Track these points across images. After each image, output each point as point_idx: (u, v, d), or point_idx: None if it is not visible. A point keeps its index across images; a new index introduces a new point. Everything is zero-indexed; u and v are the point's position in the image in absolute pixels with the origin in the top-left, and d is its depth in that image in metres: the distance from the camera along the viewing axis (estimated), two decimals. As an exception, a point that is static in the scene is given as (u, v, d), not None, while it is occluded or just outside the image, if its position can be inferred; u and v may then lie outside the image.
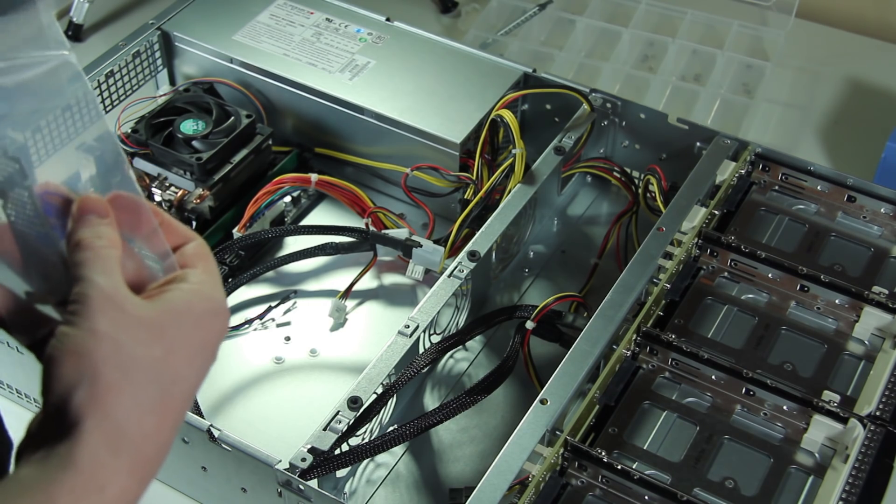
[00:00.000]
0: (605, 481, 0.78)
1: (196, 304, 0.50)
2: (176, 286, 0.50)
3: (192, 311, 0.49)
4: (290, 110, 1.11)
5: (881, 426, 0.80)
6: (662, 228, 0.93)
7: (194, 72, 1.14)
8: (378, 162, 1.09)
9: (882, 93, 1.30)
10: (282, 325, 1.01)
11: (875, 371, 0.85)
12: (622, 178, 1.08)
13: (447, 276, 0.91)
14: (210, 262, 0.53)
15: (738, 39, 1.32)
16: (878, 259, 0.95)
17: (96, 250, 0.48)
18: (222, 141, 1.03)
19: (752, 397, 0.83)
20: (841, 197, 0.98)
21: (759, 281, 0.92)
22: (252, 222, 1.03)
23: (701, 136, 1.03)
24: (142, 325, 0.47)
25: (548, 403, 0.79)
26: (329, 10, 1.17)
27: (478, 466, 0.90)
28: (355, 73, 1.09)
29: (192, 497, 0.89)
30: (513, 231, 1.00)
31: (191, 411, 0.87)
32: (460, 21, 1.39)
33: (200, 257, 0.53)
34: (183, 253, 0.53)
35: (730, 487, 0.79)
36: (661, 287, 0.89)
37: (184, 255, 0.53)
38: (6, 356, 0.90)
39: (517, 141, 1.00)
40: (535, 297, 1.04)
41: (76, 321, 0.46)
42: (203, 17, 1.15)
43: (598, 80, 1.25)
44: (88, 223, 0.49)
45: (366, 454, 0.81)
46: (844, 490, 0.77)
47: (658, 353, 0.86)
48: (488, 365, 0.98)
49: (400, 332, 0.86)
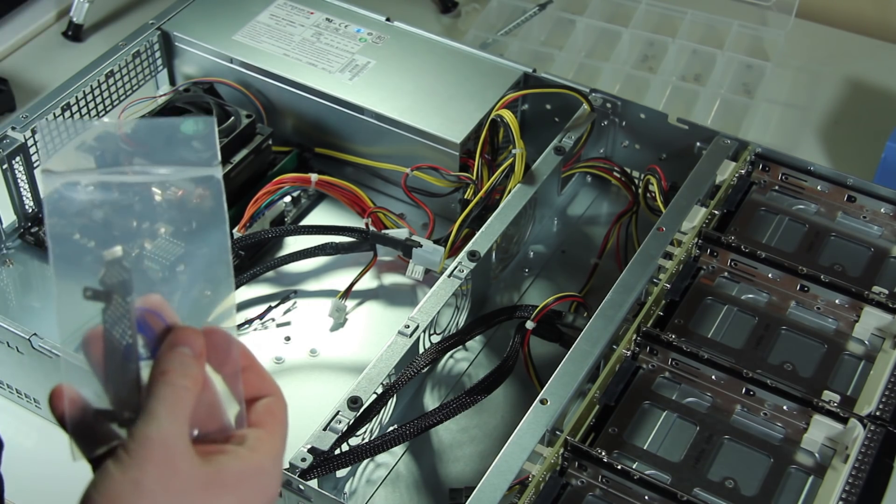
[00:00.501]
0: (605, 481, 0.78)
1: (248, 477, 0.49)
2: (234, 450, 0.49)
3: (241, 483, 0.48)
4: (290, 110, 1.11)
5: (881, 426, 0.80)
6: (662, 228, 0.93)
7: (194, 72, 1.14)
8: (378, 162, 1.09)
9: (882, 93, 1.30)
10: (282, 325, 1.01)
11: (875, 371, 0.85)
12: (622, 178, 1.08)
13: (447, 276, 0.91)
14: (280, 424, 0.52)
15: (738, 39, 1.32)
16: (878, 259, 0.95)
17: (176, 390, 0.48)
18: (222, 141, 1.03)
19: (752, 397, 0.83)
20: (841, 197, 0.98)
21: (759, 281, 0.92)
22: (252, 222, 1.03)
23: (701, 136, 1.03)
24: (186, 489, 0.46)
25: (548, 403, 0.79)
26: (329, 10, 1.17)
27: (478, 466, 0.90)
28: (355, 73, 1.09)
29: (192, 497, 0.89)
30: (513, 231, 1.00)
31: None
32: (460, 21, 1.39)
33: (271, 416, 0.51)
34: (255, 409, 0.51)
35: (730, 487, 0.79)
36: (661, 287, 0.89)
37: (256, 410, 0.51)
38: (6, 356, 0.90)
39: (517, 141, 1.00)
40: (535, 297, 1.04)
41: (126, 462, 0.46)
42: (203, 17, 1.15)
43: (598, 80, 1.25)
44: (179, 357, 0.49)
45: (366, 454, 0.81)
46: (844, 490, 0.76)
47: (658, 353, 0.86)
48: (488, 365, 0.98)
49: (400, 332, 0.86)
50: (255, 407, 0.52)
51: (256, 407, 0.52)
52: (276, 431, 0.51)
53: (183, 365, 0.48)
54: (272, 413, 0.52)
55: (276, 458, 0.51)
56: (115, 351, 0.49)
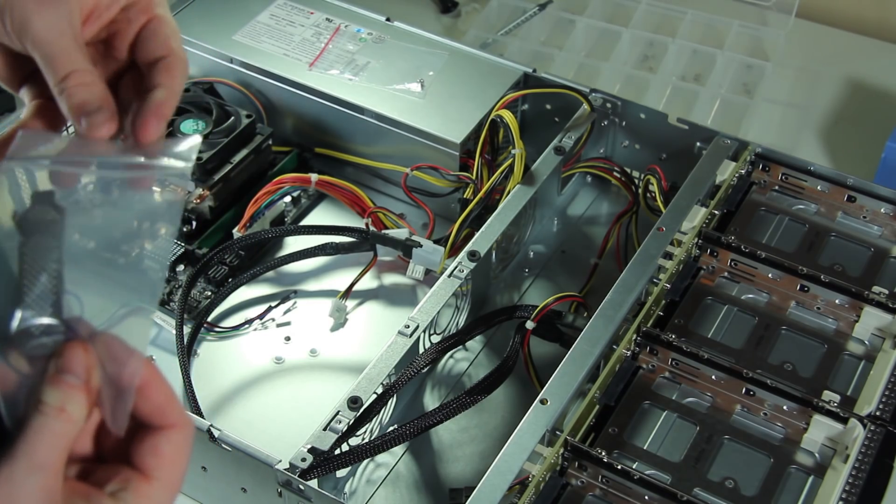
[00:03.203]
0: (605, 481, 0.78)
1: None
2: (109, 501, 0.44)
3: None
4: (290, 110, 1.11)
5: (881, 426, 0.80)
6: (662, 228, 0.93)
7: (194, 72, 1.14)
8: (378, 162, 1.09)
9: (882, 93, 1.30)
10: (282, 325, 1.01)
11: (875, 371, 0.85)
12: (622, 178, 1.08)
13: (447, 276, 0.91)
14: (173, 470, 0.46)
15: (738, 39, 1.32)
16: (878, 259, 0.95)
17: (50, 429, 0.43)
18: (222, 141, 1.03)
19: (752, 397, 0.83)
20: (841, 197, 0.98)
21: (759, 281, 0.92)
22: (252, 222, 1.03)
23: (701, 136, 1.03)
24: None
25: (548, 403, 0.79)
26: (329, 10, 1.17)
27: (478, 466, 0.90)
28: (355, 74, 1.09)
29: (192, 497, 0.89)
30: (513, 231, 1.00)
31: (191, 411, 0.87)
32: (460, 21, 1.39)
33: (161, 459, 0.46)
34: (155, 447, 0.46)
35: (730, 487, 0.79)
36: (661, 287, 0.89)
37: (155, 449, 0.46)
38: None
39: (517, 141, 1.00)
40: (535, 297, 1.04)
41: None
42: (203, 17, 1.15)
43: (598, 80, 1.25)
44: (60, 386, 0.44)
45: (366, 454, 0.81)
46: (844, 490, 0.77)
47: (658, 353, 0.86)
48: (488, 365, 0.98)
49: (400, 332, 0.86)
50: (155, 440, 0.46)
51: (158, 445, 0.46)
52: (167, 482, 0.46)
53: (62, 396, 0.44)
54: (162, 456, 0.46)
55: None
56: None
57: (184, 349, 0.93)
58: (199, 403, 0.91)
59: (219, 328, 0.99)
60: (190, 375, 0.92)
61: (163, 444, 0.46)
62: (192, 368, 0.95)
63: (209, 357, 0.98)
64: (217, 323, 1.00)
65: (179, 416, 0.47)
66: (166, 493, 0.46)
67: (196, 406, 0.90)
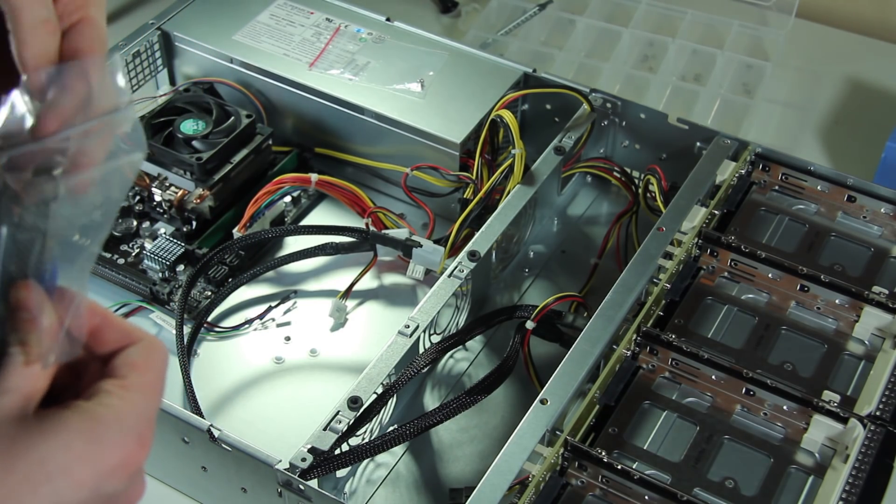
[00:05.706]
0: (605, 481, 0.78)
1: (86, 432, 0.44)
2: (75, 405, 0.45)
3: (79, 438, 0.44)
4: (290, 110, 1.11)
5: (881, 426, 0.80)
6: (662, 228, 0.93)
7: (194, 72, 1.14)
8: (378, 162, 1.09)
9: (882, 93, 1.30)
10: (282, 325, 1.01)
11: (875, 371, 0.86)
12: (622, 178, 1.08)
13: (447, 276, 0.91)
14: (148, 376, 0.47)
15: (738, 39, 1.32)
16: (878, 259, 0.95)
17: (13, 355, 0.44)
18: (222, 141, 1.03)
19: (752, 397, 0.83)
20: (841, 197, 0.98)
21: (759, 281, 0.92)
22: (252, 222, 1.03)
23: (701, 136, 1.03)
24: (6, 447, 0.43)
25: (548, 403, 0.79)
26: (329, 10, 1.17)
27: (478, 466, 0.90)
28: (355, 74, 1.09)
29: (192, 497, 0.89)
30: (513, 231, 1.00)
31: (191, 411, 0.87)
32: (460, 21, 1.39)
33: (131, 367, 0.47)
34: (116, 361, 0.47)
35: (730, 487, 0.79)
36: (661, 287, 0.89)
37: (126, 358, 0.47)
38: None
39: (517, 141, 1.00)
40: (535, 297, 1.04)
41: None
42: (203, 17, 1.15)
43: (598, 80, 1.25)
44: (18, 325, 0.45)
45: (366, 454, 0.81)
46: (844, 490, 0.77)
47: (658, 353, 0.86)
48: (488, 365, 0.98)
49: (400, 332, 0.86)
50: (116, 359, 0.47)
51: (117, 359, 0.47)
52: (136, 383, 0.47)
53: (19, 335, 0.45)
54: (132, 365, 0.47)
55: (129, 412, 0.46)
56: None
57: (184, 349, 0.93)
58: (199, 403, 0.91)
59: (219, 328, 0.99)
60: (190, 375, 0.92)
61: (132, 354, 0.48)
62: (192, 368, 0.95)
63: (209, 357, 0.98)
64: (217, 323, 1.00)
65: (143, 333, 0.48)
66: (144, 398, 0.47)
67: (196, 406, 0.90)
